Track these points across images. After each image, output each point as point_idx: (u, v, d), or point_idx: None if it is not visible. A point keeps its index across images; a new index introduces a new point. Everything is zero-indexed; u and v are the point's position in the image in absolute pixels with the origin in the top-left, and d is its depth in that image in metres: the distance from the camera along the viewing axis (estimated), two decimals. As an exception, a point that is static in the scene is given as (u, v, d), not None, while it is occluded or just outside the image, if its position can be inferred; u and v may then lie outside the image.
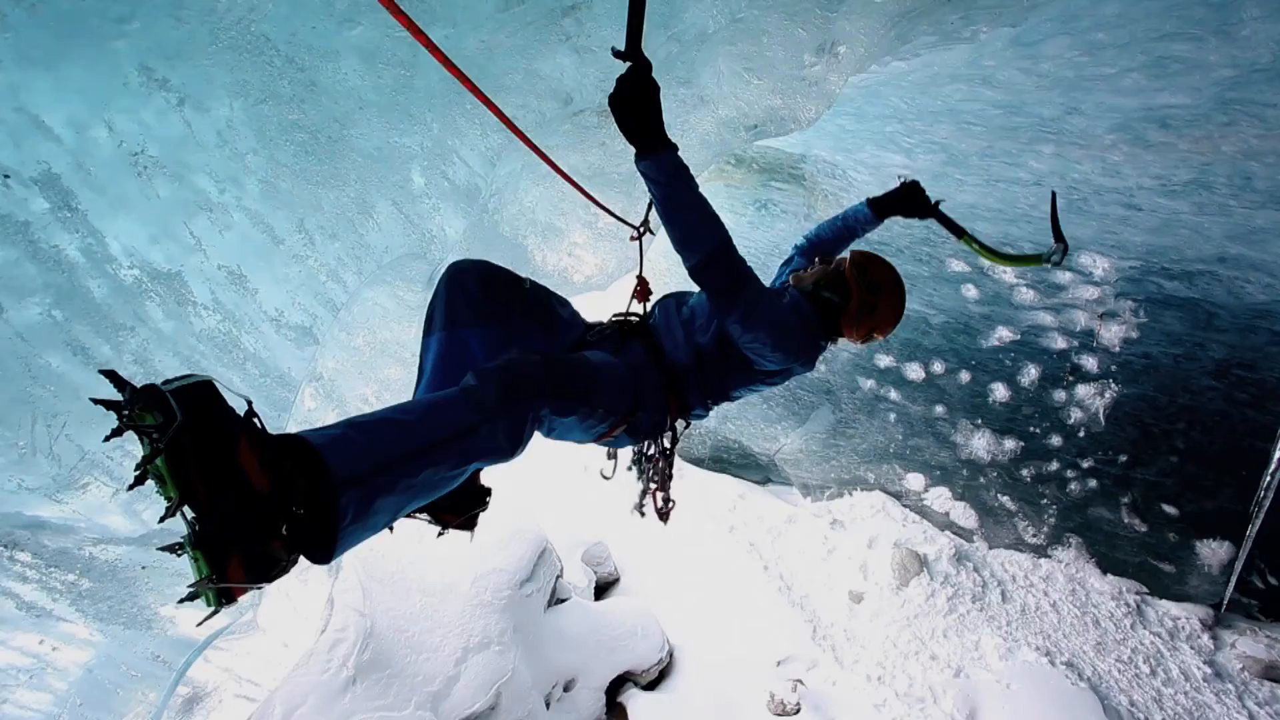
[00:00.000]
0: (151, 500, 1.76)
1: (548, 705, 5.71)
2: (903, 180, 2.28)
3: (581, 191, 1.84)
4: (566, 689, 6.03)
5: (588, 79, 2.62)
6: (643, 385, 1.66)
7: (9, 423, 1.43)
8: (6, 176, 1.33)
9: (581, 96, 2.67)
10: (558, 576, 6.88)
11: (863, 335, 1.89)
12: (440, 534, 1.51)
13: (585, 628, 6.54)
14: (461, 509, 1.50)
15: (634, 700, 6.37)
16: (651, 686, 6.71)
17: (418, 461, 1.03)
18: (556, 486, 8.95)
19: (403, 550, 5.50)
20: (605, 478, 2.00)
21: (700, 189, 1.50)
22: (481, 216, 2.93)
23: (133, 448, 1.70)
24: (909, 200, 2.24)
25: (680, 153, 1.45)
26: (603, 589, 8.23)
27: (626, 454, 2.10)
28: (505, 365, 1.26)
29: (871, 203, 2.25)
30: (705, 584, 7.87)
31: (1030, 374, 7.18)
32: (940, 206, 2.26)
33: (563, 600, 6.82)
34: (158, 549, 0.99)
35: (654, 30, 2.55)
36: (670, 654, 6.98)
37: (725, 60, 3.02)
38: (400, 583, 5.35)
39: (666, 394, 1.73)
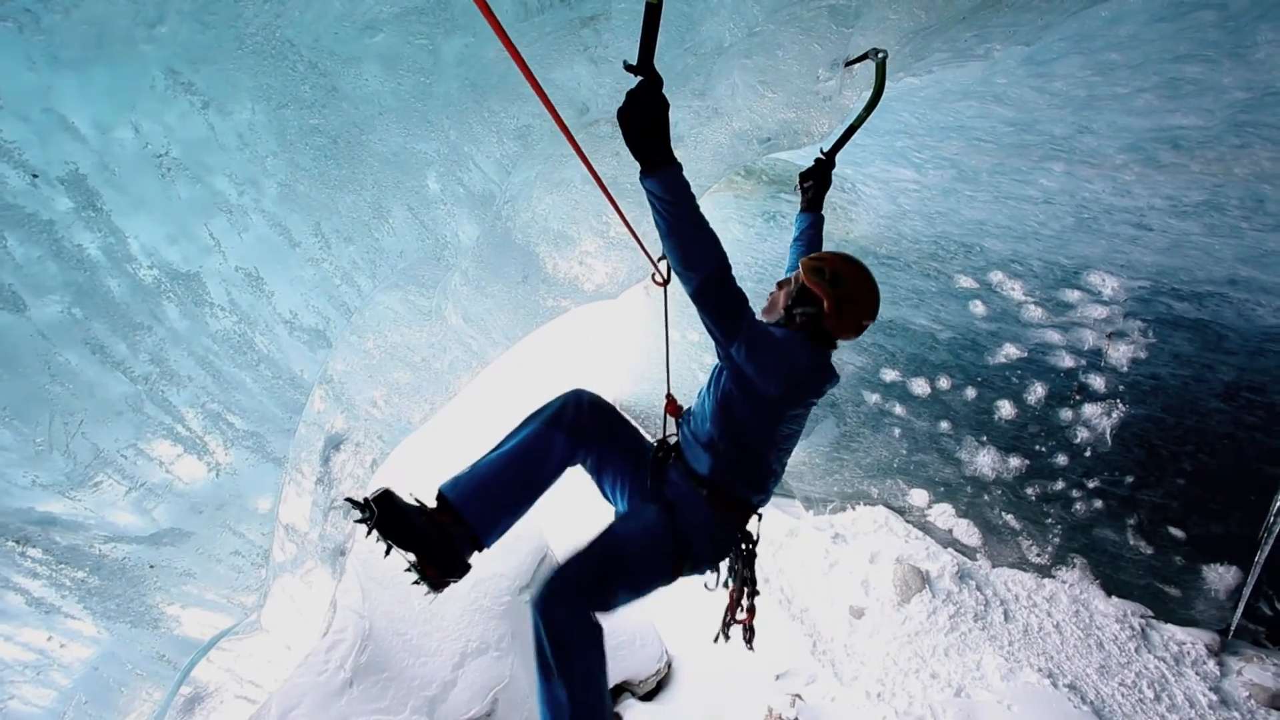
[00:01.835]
0: (162, 499, 1.76)
1: (544, 713, 5.67)
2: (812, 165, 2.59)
3: (626, 224, 1.87)
4: (564, 697, 5.99)
5: (604, 89, 2.64)
6: (686, 524, 1.80)
7: (27, 419, 1.45)
8: (35, 176, 1.35)
9: (597, 106, 2.69)
10: (557, 583, 6.83)
11: (854, 328, 1.92)
12: (416, 582, 1.59)
13: (584, 636, 6.51)
14: (444, 570, 1.61)
15: (631, 711, 6.32)
16: (649, 697, 6.66)
17: None
18: (557, 493, 8.93)
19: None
20: (709, 589, 2.23)
21: (700, 207, 1.52)
22: (495, 223, 2.94)
23: (145, 446, 1.71)
24: (818, 173, 2.53)
25: (684, 170, 1.46)
26: (602, 597, 8.19)
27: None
28: (540, 602, 1.57)
29: (804, 206, 2.52)
30: (704, 595, 7.83)
31: (1037, 392, 7.15)
32: (832, 155, 2.60)
33: (562, 607, 6.79)
34: None
35: (670, 43, 2.57)
36: (668, 665, 6.93)
37: (740, 73, 3.04)
38: (400, 585, 5.34)
39: (716, 507, 1.83)
